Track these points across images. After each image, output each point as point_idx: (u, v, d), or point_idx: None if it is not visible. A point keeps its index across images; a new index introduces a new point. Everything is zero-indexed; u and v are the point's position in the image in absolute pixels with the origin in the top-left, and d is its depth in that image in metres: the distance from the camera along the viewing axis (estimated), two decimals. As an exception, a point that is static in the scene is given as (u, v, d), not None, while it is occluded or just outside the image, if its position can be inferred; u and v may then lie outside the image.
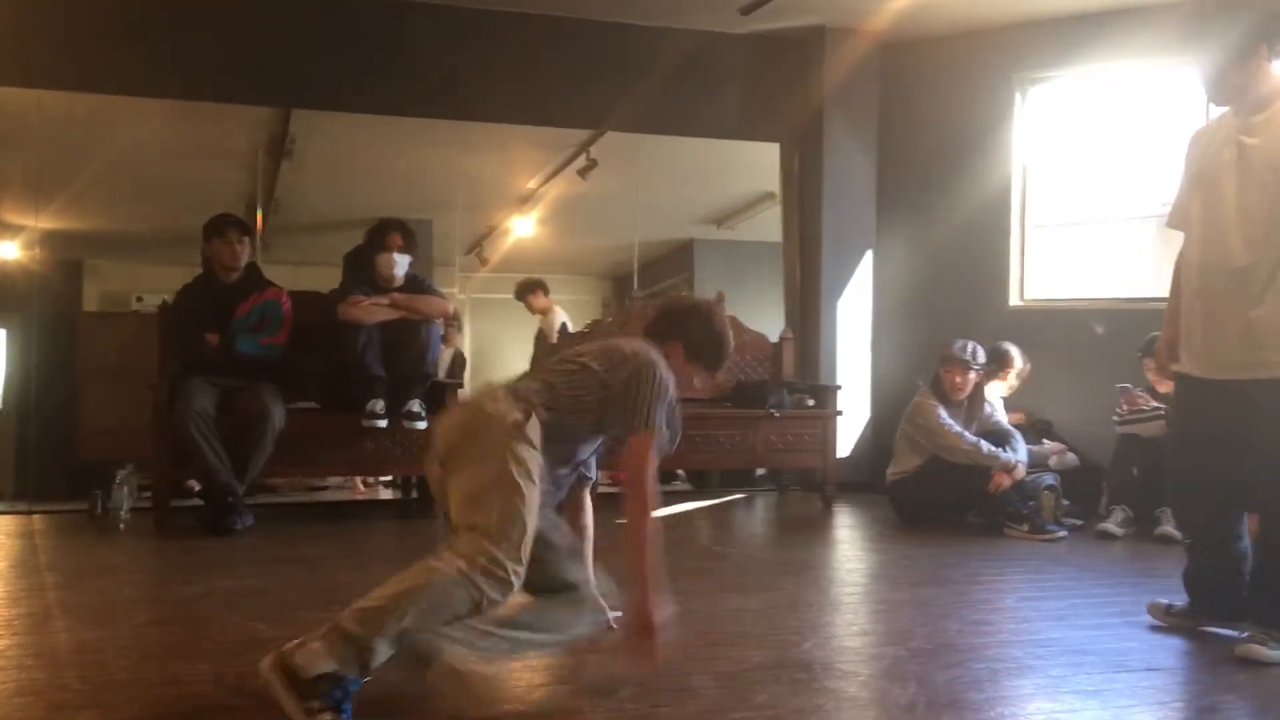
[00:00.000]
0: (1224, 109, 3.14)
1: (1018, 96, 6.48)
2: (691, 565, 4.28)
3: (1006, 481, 5.08)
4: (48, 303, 9.14)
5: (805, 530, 5.54)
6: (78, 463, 7.46)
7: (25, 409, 9.38)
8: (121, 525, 5.00)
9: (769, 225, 7.79)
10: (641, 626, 2.35)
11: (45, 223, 8.27)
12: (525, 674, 2.59)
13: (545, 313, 8.45)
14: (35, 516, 5.42)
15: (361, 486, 7.34)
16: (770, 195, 8.04)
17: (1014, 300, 6.48)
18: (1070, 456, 5.71)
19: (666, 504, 6.08)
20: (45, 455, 8.00)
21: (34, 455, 8.11)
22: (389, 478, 6.90)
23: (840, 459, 6.14)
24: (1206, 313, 3.07)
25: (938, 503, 5.24)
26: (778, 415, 5.89)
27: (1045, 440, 5.81)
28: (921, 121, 6.76)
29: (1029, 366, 5.73)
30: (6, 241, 9.05)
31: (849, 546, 5.13)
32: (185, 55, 6.01)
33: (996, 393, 5.63)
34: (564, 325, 7.73)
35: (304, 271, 8.25)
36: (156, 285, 8.21)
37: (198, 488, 5.20)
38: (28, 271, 8.85)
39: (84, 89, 6.15)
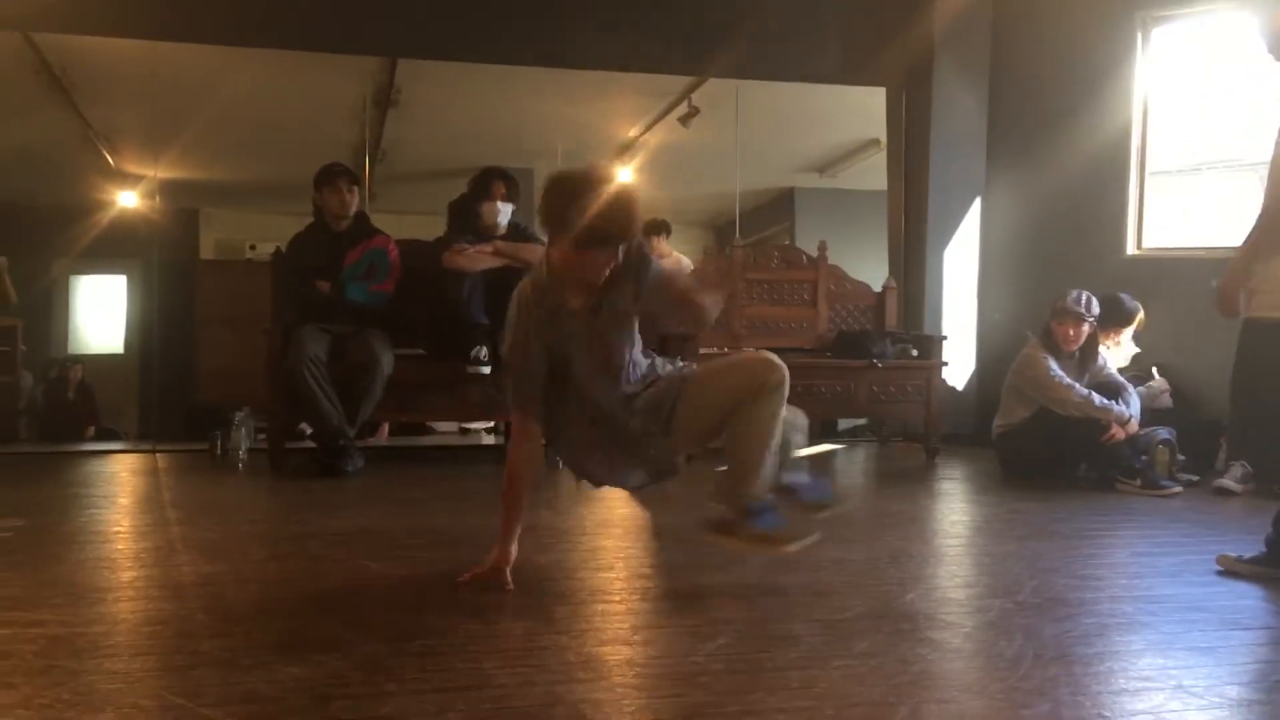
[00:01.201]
0: None
1: (1139, 36, 6.21)
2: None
3: (1120, 434, 4.95)
4: (166, 250, 9.46)
5: (908, 482, 5.47)
6: (196, 405, 7.75)
7: (146, 353, 9.76)
8: (239, 465, 5.18)
9: (873, 173, 7.65)
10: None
11: (163, 172, 8.54)
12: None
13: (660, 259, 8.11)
14: (157, 455, 5.65)
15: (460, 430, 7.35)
16: (875, 142, 7.89)
17: (1130, 249, 6.26)
18: (1165, 397, 5.55)
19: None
20: (166, 397, 8.31)
21: (155, 397, 8.43)
22: (491, 424, 7.01)
23: (944, 410, 6.05)
24: None
25: (1046, 456, 5.12)
26: (880, 365, 5.81)
27: (1156, 377, 5.65)
28: (1036, 63, 6.53)
29: (1143, 315, 5.55)
30: (127, 191, 9.38)
31: (953, 499, 5.06)
32: (295, 6, 6.11)
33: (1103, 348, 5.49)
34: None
35: (409, 220, 8.39)
36: (269, 234, 8.44)
37: (310, 431, 5.36)
38: (147, 220, 9.16)
39: (198, 40, 6.31)
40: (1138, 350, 5.66)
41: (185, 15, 6.04)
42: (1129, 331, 5.50)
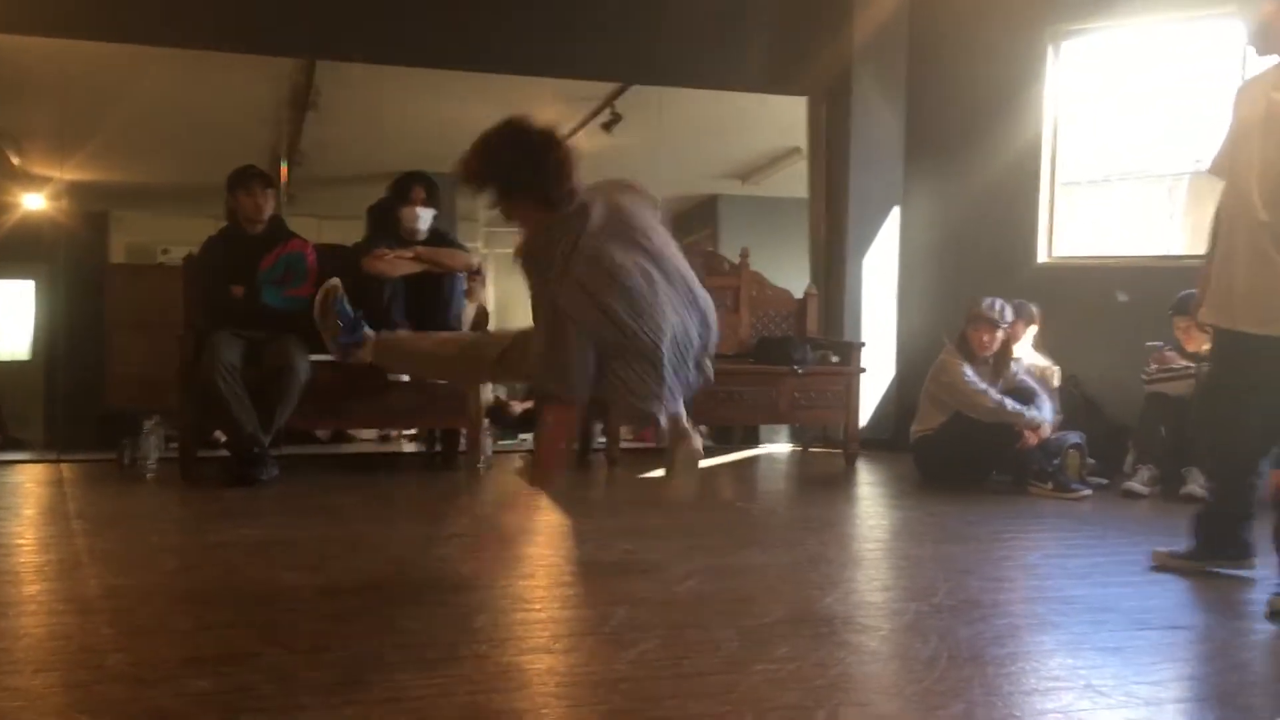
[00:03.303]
0: (1270, 62, 3.09)
1: (1050, 50, 6.36)
2: (714, 520, 4.29)
3: (1033, 440, 5.06)
4: (75, 255, 9.20)
5: (827, 487, 5.53)
6: (105, 413, 7.53)
7: (53, 360, 9.47)
8: (149, 475, 5.04)
9: (795, 181, 7.73)
10: None
11: (71, 174, 8.31)
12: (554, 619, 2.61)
13: None
14: (64, 465, 5.48)
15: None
16: (796, 150, 7.97)
17: (1042, 257, 6.41)
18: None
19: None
20: (73, 405, 8.07)
21: (62, 405, 8.19)
22: (413, 431, 6.93)
23: (863, 416, 6.13)
24: (1245, 265, 3.05)
25: (961, 461, 5.22)
26: (800, 371, 5.87)
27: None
28: (952, 75, 6.66)
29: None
30: (33, 193, 9.10)
31: (871, 503, 5.13)
32: (210, 5, 5.99)
33: (1026, 345, 5.65)
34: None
35: (328, 224, 8.28)
36: (182, 237, 8.24)
37: (224, 439, 5.24)
38: (54, 223, 8.91)
39: (108, 39, 6.14)
40: (1048, 365, 5.77)
41: (96, 13, 5.87)
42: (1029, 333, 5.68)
